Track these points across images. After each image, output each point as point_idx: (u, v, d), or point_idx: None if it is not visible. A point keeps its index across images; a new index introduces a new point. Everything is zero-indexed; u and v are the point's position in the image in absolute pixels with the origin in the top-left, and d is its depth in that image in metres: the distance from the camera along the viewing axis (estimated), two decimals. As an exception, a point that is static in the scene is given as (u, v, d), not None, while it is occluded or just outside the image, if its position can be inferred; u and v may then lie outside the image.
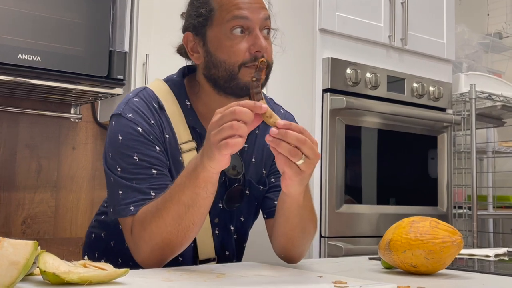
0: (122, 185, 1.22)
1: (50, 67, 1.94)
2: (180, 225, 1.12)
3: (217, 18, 1.26)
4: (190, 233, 1.15)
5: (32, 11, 1.92)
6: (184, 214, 1.11)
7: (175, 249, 1.18)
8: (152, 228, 1.14)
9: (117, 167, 1.23)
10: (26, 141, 2.28)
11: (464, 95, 2.97)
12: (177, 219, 1.12)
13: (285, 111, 1.50)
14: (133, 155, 1.22)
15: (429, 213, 2.68)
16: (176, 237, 1.14)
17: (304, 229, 1.29)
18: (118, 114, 1.28)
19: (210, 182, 1.09)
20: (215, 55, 1.26)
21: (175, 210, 1.11)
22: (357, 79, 2.48)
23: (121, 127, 1.25)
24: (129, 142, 1.23)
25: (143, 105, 1.28)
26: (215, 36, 1.26)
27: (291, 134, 1.02)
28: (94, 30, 2.03)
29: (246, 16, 1.24)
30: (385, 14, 2.65)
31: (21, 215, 2.25)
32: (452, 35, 2.94)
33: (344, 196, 2.44)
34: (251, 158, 1.39)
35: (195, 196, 1.10)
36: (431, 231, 1.12)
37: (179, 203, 1.11)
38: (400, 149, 2.73)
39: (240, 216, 1.42)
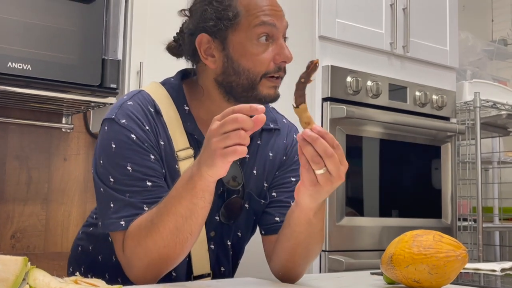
0: (114, 197, 1.17)
1: (41, 75, 1.90)
2: (178, 237, 1.08)
3: (243, 23, 1.22)
4: (188, 244, 1.11)
5: (23, 19, 1.89)
6: (181, 226, 1.07)
7: (171, 263, 1.14)
8: (147, 244, 1.10)
9: (110, 177, 1.18)
10: (16, 152, 2.23)
11: (468, 104, 2.93)
12: (174, 231, 1.08)
13: (288, 122, 1.45)
14: (126, 165, 1.17)
15: (433, 226, 2.63)
16: (174, 250, 1.10)
17: (308, 249, 1.23)
18: (111, 119, 1.21)
19: (208, 191, 1.06)
20: (238, 62, 1.22)
21: (172, 223, 1.07)
22: (357, 87, 2.44)
23: (114, 134, 1.20)
24: (123, 151, 1.18)
25: (138, 110, 1.22)
26: (239, 42, 1.22)
27: (321, 142, 1.00)
28: (86, 38, 2.00)
29: (274, 23, 1.22)
30: (386, 21, 2.61)
31: (10, 228, 2.19)
32: (456, 42, 2.90)
33: (345, 208, 2.39)
34: (252, 169, 1.33)
35: (192, 206, 1.06)
36: (435, 245, 1.08)
37: (176, 215, 1.07)
38: (403, 160, 2.68)
39: (238, 230, 1.36)
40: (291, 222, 1.19)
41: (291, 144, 1.40)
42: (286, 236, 1.22)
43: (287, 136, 1.40)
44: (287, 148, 1.39)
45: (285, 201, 1.34)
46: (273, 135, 1.38)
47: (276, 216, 1.33)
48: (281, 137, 1.39)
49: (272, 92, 1.24)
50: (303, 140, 1.01)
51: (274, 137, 1.38)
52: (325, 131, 1.02)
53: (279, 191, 1.35)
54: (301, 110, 1.04)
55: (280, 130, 1.40)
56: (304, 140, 1.01)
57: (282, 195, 1.35)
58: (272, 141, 1.37)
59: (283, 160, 1.38)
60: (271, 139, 1.37)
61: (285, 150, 1.39)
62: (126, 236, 1.14)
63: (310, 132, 1.00)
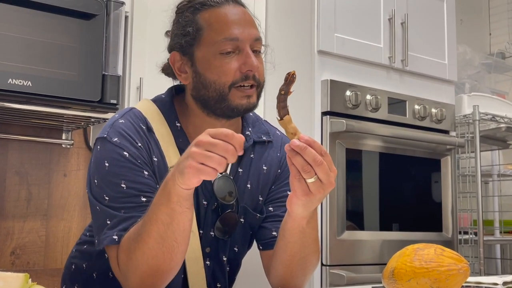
0: (109, 214, 1.16)
1: (42, 92, 1.91)
2: (164, 245, 1.07)
3: (205, 38, 1.22)
4: (176, 254, 1.09)
5: (23, 35, 1.90)
6: (164, 233, 1.06)
7: (164, 275, 1.11)
8: (137, 256, 1.09)
9: (104, 196, 1.17)
10: (16, 168, 2.22)
11: (468, 117, 2.93)
12: (158, 240, 1.06)
13: (282, 134, 1.44)
14: (120, 183, 1.16)
15: (434, 239, 2.61)
16: (163, 260, 1.08)
17: (304, 259, 1.23)
18: (103, 138, 1.22)
19: (182, 197, 1.04)
20: (204, 75, 1.22)
21: (155, 231, 1.06)
22: (357, 101, 2.44)
23: (107, 153, 1.20)
24: (116, 168, 1.18)
25: (130, 127, 1.22)
26: (203, 57, 1.22)
27: (309, 151, 1.01)
28: (86, 54, 2.00)
29: (236, 37, 1.20)
30: (385, 35, 2.62)
31: (10, 245, 2.18)
32: (454, 55, 2.91)
33: (346, 222, 2.38)
34: (246, 183, 1.33)
35: (170, 211, 1.05)
36: (436, 258, 1.08)
37: (158, 222, 1.06)
38: (403, 173, 2.67)
39: (234, 246, 1.35)
40: (285, 233, 1.19)
41: (285, 156, 1.40)
42: (281, 248, 1.22)
43: (280, 148, 1.40)
44: (281, 161, 1.38)
45: (281, 215, 1.32)
46: (266, 147, 1.37)
47: (273, 230, 1.32)
48: (275, 150, 1.39)
49: (244, 102, 1.22)
50: (291, 150, 1.02)
51: (268, 150, 1.37)
52: (312, 139, 1.03)
53: (276, 206, 1.35)
54: (286, 121, 1.05)
55: (273, 142, 1.39)
56: (293, 151, 1.01)
57: (279, 210, 1.34)
58: (266, 154, 1.37)
59: (278, 173, 1.37)
60: (265, 152, 1.37)
61: (279, 162, 1.38)
62: (119, 251, 1.13)
63: (298, 142, 1.01)
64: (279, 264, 1.24)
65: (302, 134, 1.03)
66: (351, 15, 2.53)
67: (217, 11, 1.23)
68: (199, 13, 1.24)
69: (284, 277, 1.24)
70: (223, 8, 1.23)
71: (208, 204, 1.27)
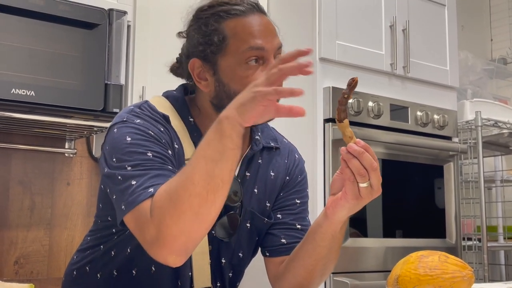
0: (135, 175, 1.08)
1: (45, 101, 1.92)
2: (210, 184, 1.00)
3: (230, 47, 1.20)
4: (219, 196, 1.02)
5: (26, 45, 1.91)
6: (212, 170, 1.00)
7: (203, 220, 1.03)
8: (179, 193, 1.01)
9: (126, 166, 1.10)
10: (19, 177, 2.23)
11: (470, 123, 2.92)
12: (205, 177, 1.00)
13: (289, 142, 1.45)
14: (146, 152, 1.11)
15: (437, 246, 2.61)
16: (206, 200, 1.00)
17: (326, 265, 1.24)
18: (122, 121, 1.17)
19: (236, 132, 1.00)
20: (228, 85, 1.20)
21: (203, 168, 1.01)
22: (359, 108, 2.44)
23: (129, 130, 1.15)
24: (140, 141, 1.13)
25: (149, 115, 1.20)
26: (228, 66, 1.20)
27: (367, 156, 1.05)
28: (89, 63, 2.01)
29: (262, 47, 1.19)
30: (386, 42, 2.62)
31: (13, 254, 2.18)
32: (456, 61, 2.91)
33: (349, 229, 2.37)
34: (253, 188, 1.32)
35: (222, 148, 1.00)
36: (441, 265, 1.08)
37: (206, 159, 1.01)
38: (405, 180, 2.67)
39: (239, 251, 1.34)
40: (317, 237, 1.19)
41: (293, 164, 1.40)
42: (308, 252, 1.22)
43: (288, 156, 1.40)
44: (288, 168, 1.38)
45: (290, 223, 1.34)
46: (273, 154, 1.37)
47: (282, 238, 1.32)
48: (282, 156, 1.39)
49: None
50: (348, 154, 1.05)
51: (275, 156, 1.37)
52: (367, 145, 1.06)
53: (284, 213, 1.35)
54: (345, 125, 1.08)
55: (281, 149, 1.39)
56: (349, 154, 1.05)
57: (288, 217, 1.34)
58: (274, 160, 1.37)
59: (286, 181, 1.38)
60: (272, 159, 1.37)
61: (286, 170, 1.38)
62: (156, 195, 1.04)
63: (356, 147, 1.05)
64: (301, 269, 1.24)
65: (357, 139, 1.07)
66: (352, 22, 2.54)
67: (242, 20, 1.22)
68: (224, 21, 1.22)
69: (301, 283, 1.25)
70: (248, 17, 1.22)
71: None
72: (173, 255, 1.04)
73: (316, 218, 1.21)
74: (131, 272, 1.26)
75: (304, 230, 1.32)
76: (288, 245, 1.32)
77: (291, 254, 1.29)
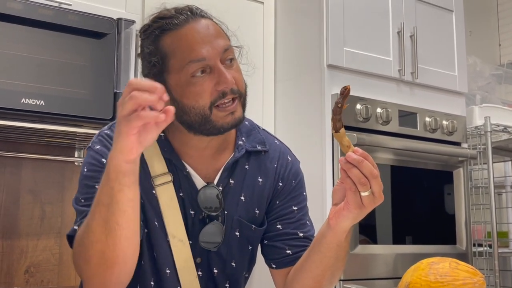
0: (79, 212, 1.18)
1: (54, 110, 1.93)
2: (105, 228, 1.03)
3: (172, 65, 1.17)
4: (120, 239, 1.04)
5: (36, 55, 1.92)
6: (105, 214, 1.02)
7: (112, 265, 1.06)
8: (84, 242, 1.06)
9: (80, 198, 1.19)
10: (29, 187, 2.24)
11: (479, 128, 2.91)
12: (100, 222, 1.03)
13: (280, 143, 1.40)
14: (94, 185, 1.15)
15: (447, 252, 2.59)
16: (107, 245, 1.04)
17: (334, 274, 1.23)
18: (88, 148, 1.24)
19: (121, 172, 1.00)
20: (182, 102, 1.17)
21: (97, 213, 1.03)
22: (367, 114, 2.43)
23: (87, 159, 1.22)
24: (92, 173, 1.19)
25: (112, 137, 1.22)
26: (176, 84, 1.17)
27: (366, 164, 1.04)
28: (98, 72, 2.02)
29: (203, 57, 1.15)
30: (394, 48, 2.62)
31: (24, 263, 2.18)
32: (464, 67, 2.90)
33: (359, 236, 2.37)
34: (239, 195, 1.29)
35: (110, 191, 1.01)
36: (451, 272, 1.07)
37: (100, 204, 1.03)
38: (415, 186, 2.66)
39: (232, 261, 1.31)
40: (322, 248, 1.18)
41: (285, 168, 1.35)
42: (315, 263, 1.21)
43: (279, 159, 1.35)
44: (280, 173, 1.34)
45: (292, 232, 1.32)
46: (262, 158, 1.33)
47: (286, 249, 1.30)
48: (272, 160, 1.34)
49: (228, 119, 1.18)
50: (347, 163, 1.04)
51: (264, 161, 1.33)
52: (366, 153, 1.05)
53: (284, 223, 1.32)
54: (341, 134, 1.07)
55: (270, 152, 1.34)
56: (348, 163, 1.04)
57: (288, 227, 1.32)
58: (262, 165, 1.32)
59: (279, 187, 1.33)
60: (261, 164, 1.32)
61: (277, 174, 1.33)
62: (74, 241, 1.12)
63: (355, 155, 1.04)
64: (309, 280, 1.23)
65: (355, 147, 1.06)
66: (360, 29, 2.54)
67: (178, 33, 1.18)
68: (161, 39, 1.19)
69: None
70: (183, 29, 1.18)
71: (195, 214, 1.25)
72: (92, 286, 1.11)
73: (320, 228, 1.19)
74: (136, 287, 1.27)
75: (307, 237, 1.31)
76: (294, 255, 1.30)
77: (298, 264, 1.27)
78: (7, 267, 2.15)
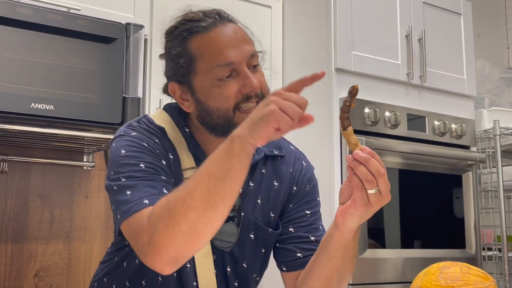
0: (129, 185, 1.11)
1: (63, 115, 1.94)
2: (209, 200, 0.99)
3: (200, 67, 1.19)
4: (217, 215, 1.01)
5: (45, 60, 1.93)
6: (214, 188, 0.99)
7: (196, 238, 1.03)
8: (177, 206, 1.00)
9: (121, 178, 1.13)
10: (38, 191, 2.24)
11: (488, 132, 2.90)
12: (206, 194, 0.99)
13: (296, 149, 1.42)
14: (139, 163, 1.13)
15: (457, 256, 2.58)
16: (203, 216, 1.00)
17: (342, 276, 1.23)
18: (119, 136, 1.20)
19: (245, 152, 0.99)
20: (206, 103, 1.19)
21: (204, 183, 0.99)
22: (376, 118, 2.43)
23: (124, 143, 1.18)
24: (134, 153, 1.15)
25: (146, 128, 1.23)
26: (201, 86, 1.19)
27: (373, 162, 1.04)
28: (107, 77, 2.03)
29: (231, 62, 1.17)
30: (402, 52, 2.62)
31: (33, 267, 2.19)
32: (472, 70, 2.89)
33: (367, 240, 2.36)
34: (256, 199, 1.31)
35: (228, 166, 0.99)
36: (462, 276, 1.07)
37: (210, 176, 0.99)
38: (423, 190, 2.65)
39: (243, 261, 1.32)
40: (329, 248, 1.18)
41: (299, 173, 1.37)
42: (323, 263, 1.21)
43: (294, 164, 1.37)
44: (295, 178, 1.36)
45: (304, 236, 1.33)
46: (278, 163, 1.35)
47: (297, 252, 1.31)
48: (287, 165, 1.36)
49: None
50: (353, 161, 1.04)
51: (280, 165, 1.35)
52: (373, 152, 1.05)
53: (296, 226, 1.33)
54: (349, 132, 1.08)
55: (286, 157, 1.36)
56: (356, 161, 1.04)
57: (300, 230, 1.33)
58: (278, 169, 1.34)
59: (294, 191, 1.35)
60: (277, 168, 1.34)
61: (292, 179, 1.35)
62: (155, 206, 1.05)
63: (362, 153, 1.04)
64: (316, 282, 1.23)
65: (363, 145, 1.06)
66: (368, 33, 2.54)
67: (206, 36, 1.19)
68: (189, 41, 1.20)
69: None
70: (212, 32, 1.19)
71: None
72: (161, 263, 1.04)
73: (328, 229, 1.20)
74: (140, 283, 1.27)
75: (318, 241, 1.30)
76: (304, 258, 1.31)
77: (307, 267, 1.28)
78: (17, 271, 2.16)
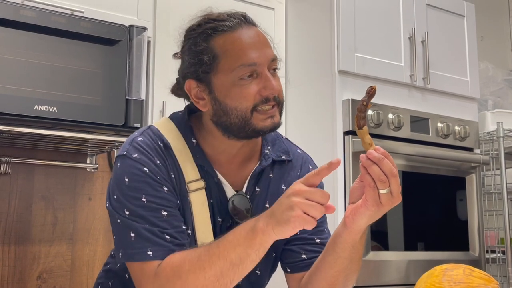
0: (132, 227, 1.16)
1: (67, 117, 1.94)
2: (219, 281, 1.08)
3: (222, 65, 1.20)
4: None
5: (48, 62, 1.93)
6: (227, 271, 1.08)
7: None
8: (188, 278, 1.09)
9: (125, 210, 1.17)
10: (42, 193, 2.25)
11: (492, 134, 2.90)
12: (218, 275, 1.08)
13: (303, 152, 1.43)
14: (141, 197, 1.17)
15: (460, 259, 2.57)
16: None
17: (347, 278, 1.23)
18: (123, 155, 1.22)
19: (264, 246, 1.07)
20: (224, 102, 1.21)
21: (219, 266, 1.08)
22: (379, 120, 2.43)
23: (127, 168, 1.20)
24: (136, 183, 1.18)
25: (148, 145, 1.23)
26: (221, 84, 1.20)
27: (387, 162, 1.05)
28: (110, 79, 2.03)
29: (254, 62, 1.19)
30: (405, 53, 2.61)
31: (36, 269, 2.19)
32: (476, 72, 2.89)
33: (371, 243, 2.36)
34: (264, 203, 1.31)
35: (245, 256, 1.07)
36: (466, 279, 1.06)
37: (226, 260, 1.07)
38: (427, 192, 2.64)
39: (257, 268, 1.31)
40: (337, 248, 1.19)
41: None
42: (329, 263, 1.21)
43: (301, 168, 1.38)
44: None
45: (309, 238, 1.33)
46: (286, 167, 1.36)
47: (302, 253, 1.31)
48: (294, 169, 1.37)
49: (268, 123, 1.22)
50: (367, 160, 1.05)
51: (288, 170, 1.36)
52: (387, 152, 1.06)
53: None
54: (364, 131, 1.09)
55: (293, 161, 1.38)
56: (369, 160, 1.05)
57: (305, 232, 1.32)
58: (286, 174, 1.35)
59: None
60: (285, 172, 1.35)
61: None
62: (166, 265, 1.12)
63: (375, 153, 1.05)
64: (321, 281, 1.23)
65: (377, 146, 1.08)
66: (371, 35, 2.54)
67: (231, 36, 1.21)
68: (213, 39, 1.22)
69: None
70: (236, 32, 1.21)
71: (222, 221, 1.27)
72: None
73: (335, 229, 1.20)
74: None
75: (323, 244, 1.31)
76: (309, 260, 1.31)
77: (312, 268, 1.28)
78: (20, 273, 2.16)
